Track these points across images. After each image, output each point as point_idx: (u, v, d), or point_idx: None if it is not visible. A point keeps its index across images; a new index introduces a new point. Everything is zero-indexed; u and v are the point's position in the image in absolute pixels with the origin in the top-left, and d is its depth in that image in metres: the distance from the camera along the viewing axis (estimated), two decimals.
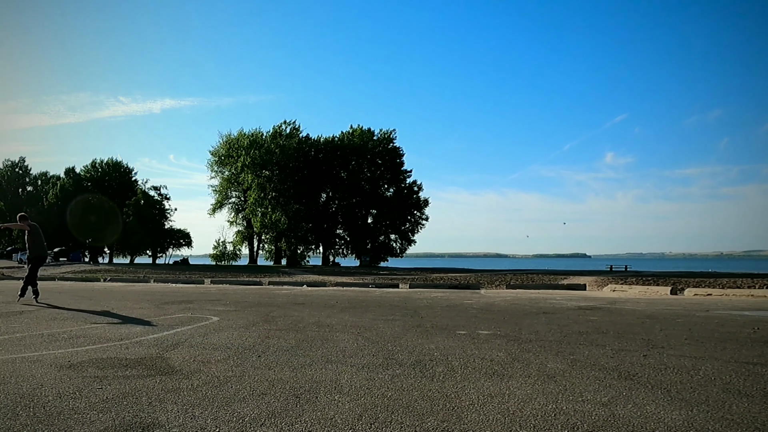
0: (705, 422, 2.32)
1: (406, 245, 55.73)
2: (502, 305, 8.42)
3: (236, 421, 2.33)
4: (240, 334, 4.95)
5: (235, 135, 53.22)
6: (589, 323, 5.95)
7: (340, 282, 17.56)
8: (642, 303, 9.04)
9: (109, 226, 54.71)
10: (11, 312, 7.12)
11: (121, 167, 62.07)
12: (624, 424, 2.28)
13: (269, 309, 7.58)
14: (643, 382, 3.06)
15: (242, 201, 54.00)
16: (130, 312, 7.10)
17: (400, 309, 7.70)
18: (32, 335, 4.90)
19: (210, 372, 3.32)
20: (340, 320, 6.16)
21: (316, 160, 52.45)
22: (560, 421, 2.32)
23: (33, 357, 3.81)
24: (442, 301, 9.41)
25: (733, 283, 14.96)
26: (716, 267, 49.37)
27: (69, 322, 5.93)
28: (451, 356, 3.86)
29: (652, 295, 11.82)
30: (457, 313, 7.08)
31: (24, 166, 67.81)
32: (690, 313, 7.05)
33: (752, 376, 3.21)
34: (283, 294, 11.55)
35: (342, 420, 2.35)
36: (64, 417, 2.39)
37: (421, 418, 2.38)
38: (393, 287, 15.52)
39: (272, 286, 16.32)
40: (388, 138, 54.56)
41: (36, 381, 3.06)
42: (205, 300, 9.30)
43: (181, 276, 22.69)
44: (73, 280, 21.20)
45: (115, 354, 3.94)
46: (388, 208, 53.65)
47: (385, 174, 54.37)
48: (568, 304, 8.76)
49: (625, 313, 7.20)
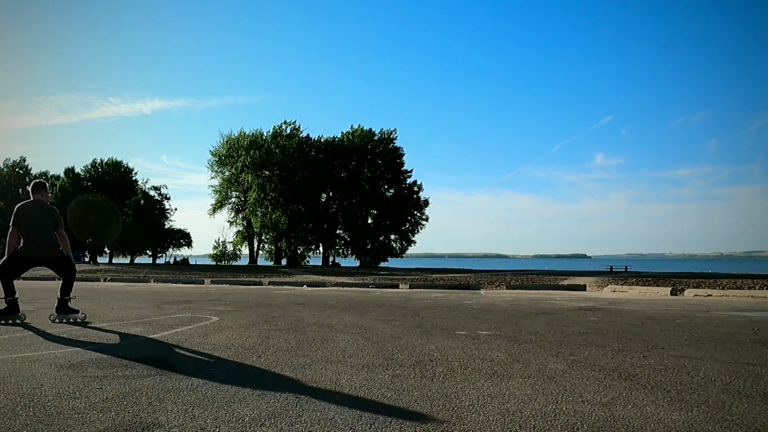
0: (705, 423, 2.32)
1: (406, 245, 55.73)
2: (502, 306, 8.41)
3: (236, 421, 2.33)
4: (240, 334, 4.95)
5: (235, 135, 53.23)
6: (589, 324, 5.95)
7: (340, 282, 17.56)
8: (642, 304, 9.04)
9: (109, 225, 54.69)
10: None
11: (121, 167, 62.06)
12: (624, 425, 2.28)
13: (269, 309, 7.58)
14: (643, 382, 3.06)
15: (242, 201, 53.98)
16: (130, 312, 7.10)
17: (400, 309, 7.70)
18: (32, 335, 4.90)
19: (210, 372, 3.32)
20: (340, 320, 6.16)
21: (317, 161, 52.45)
22: (560, 422, 2.32)
23: (33, 357, 3.81)
24: (442, 301, 9.41)
25: (733, 284, 14.96)
26: (716, 268, 49.35)
27: (69, 322, 5.92)
28: (451, 356, 3.86)
29: (652, 295, 11.81)
30: (457, 314, 7.08)
31: (24, 166, 67.81)
32: (690, 314, 7.05)
33: (752, 377, 3.22)
34: (283, 294, 11.55)
35: (342, 420, 2.35)
36: (64, 417, 2.39)
37: (421, 418, 2.38)
38: (393, 287, 15.52)
39: (272, 286, 16.32)
40: (388, 138, 54.56)
41: (36, 381, 3.06)
42: (205, 300, 9.30)
43: (181, 276, 22.69)
44: None
45: (115, 354, 3.94)
46: (388, 208, 53.66)
47: (386, 174, 54.37)
48: (568, 304, 8.75)
49: (625, 313, 7.20)
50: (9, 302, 5.73)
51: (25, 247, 5.75)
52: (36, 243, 5.77)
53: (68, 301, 5.91)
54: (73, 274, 6.05)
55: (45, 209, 5.89)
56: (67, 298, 5.91)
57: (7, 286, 5.77)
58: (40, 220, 5.80)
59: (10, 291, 5.74)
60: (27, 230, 5.75)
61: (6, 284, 5.77)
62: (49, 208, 5.93)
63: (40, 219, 5.80)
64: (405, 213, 54.31)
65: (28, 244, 5.75)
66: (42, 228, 5.81)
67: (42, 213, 5.84)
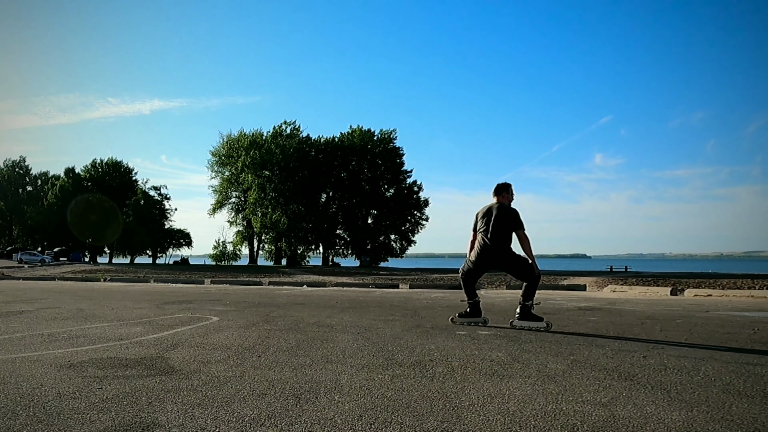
0: (705, 423, 2.32)
1: (406, 245, 55.75)
2: (502, 305, 8.41)
3: (236, 421, 2.33)
4: (240, 334, 4.95)
5: (235, 135, 53.25)
6: (589, 324, 5.95)
7: (340, 282, 17.56)
8: (642, 303, 9.04)
9: (109, 225, 54.75)
10: (11, 312, 7.13)
11: (121, 167, 62.12)
12: (624, 425, 2.28)
13: (269, 309, 7.58)
14: (643, 382, 3.06)
15: (242, 201, 54.01)
16: (130, 312, 7.10)
17: (400, 309, 7.70)
18: (32, 335, 4.90)
19: (210, 372, 3.32)
20: (340, 320, 6.16)
21: (317, 161, 52.49)
22: (560, 422, 2.32)
23: (33, 357, 3.82)
24: (443, 301, 9.41)
25: (733, 283, 14.97)
26: (716, 268, 49.37)
27: (69, 322, 5.93)
28: (451, 356, 3.86)
29: (652, 295, 11.81)
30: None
31: (24, 166, 67.88)
32: (690, 314, 7.05)
33: (752, 377, 3.22)
34: (283, 294, 11.55)
35: (342, 420, 2.35)
36: (64, 417, 2.39)
37: (421, 418, 2.38)
38: (393, 287, 15.52)
39: (272, 286, 16.32)
40: (388, 138, 54.60)
41: (36, 381, 3.06)
42: (205, 300, 9.30)
43: (181, 276, 22.69)
44: (73, 279, 21.21)
45: (115, 354, 3.94)
46: (388, 208, 53.70)
47: (386, 174, 54.41)
48: (568, 304, 8.75)
49: (625, 313, 7.20)
50: (471, 305, 5.79)
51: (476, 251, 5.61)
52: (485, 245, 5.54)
53: (531, 307, 5.45)
54: (534, 278, 5.43)
55: (500, 211, 5.54)
56: (529, 303, 5.44)
57: (469, 290, 5.82)
58: (494, 222, 5.49)
59: (472, 294, 5.82)
60: (482, 232, 5.56)
61: (468, 288, 5.81)
62: (503, 210, 5.54)
63: (494, 220, 5.50)
64: (405, 213, 54.34)
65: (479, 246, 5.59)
66: (495, 229, 5.48)
67: (496, 214, 5.51)
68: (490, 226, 5.48)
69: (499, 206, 5.58)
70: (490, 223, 5.49)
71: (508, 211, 5.52)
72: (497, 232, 5.46)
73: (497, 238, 5.46)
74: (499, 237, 5.46)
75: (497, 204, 5.62)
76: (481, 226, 5.58)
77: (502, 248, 5.48)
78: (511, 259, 5.50)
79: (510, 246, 5.51)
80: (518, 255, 5.52)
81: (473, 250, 5.69)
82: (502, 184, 5.76)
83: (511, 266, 5.54)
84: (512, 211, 5.53)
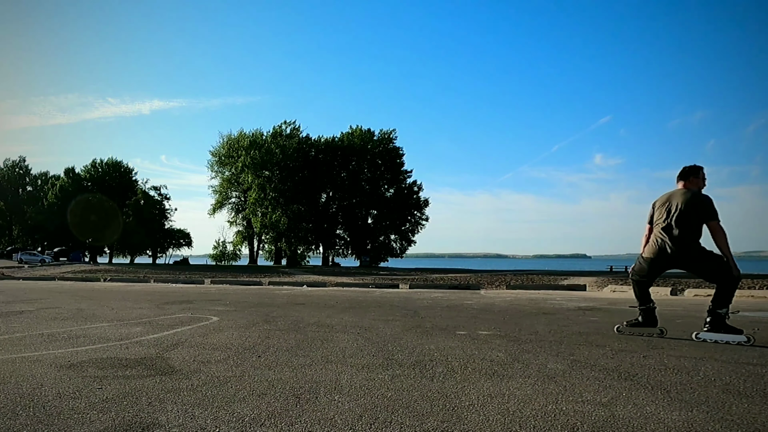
0: (705, 423, 2.32)
1: (406, 245, 55.73)
2: (502, 305, 8.41)
3: (236, 421, 2.33)
4: (240, 334, 4.95)
5: (235, 135, 53.23)
6: (589, 323, 5.95)
7: (340, 282, 17.56)
8: None
9: (109, 226, 54.72)
10: (11, 312, 7.13)
11: (121, 167, 62.11)
12: (624, 425, 2.28)
13: (269, 309, 7.58)
14: (643, 382, 3.06)
15: (242, 201, 53.99)
16: (130, 312, 7.10)
17: (400, 309, 7.70)
18: (32, 335, 4.90)
19: (210, 372, 3.32)
20: (340, 320, 6.16)
21: (316, 161, 52.47)
22: (560, 422, 2.32)
23: (33, 357, 3.81)
24: (442, 301, 9.41)
25: None
26: None
27: (69, 322, 5.93)
28: (451, 356, 3.86)
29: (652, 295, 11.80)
30: (457, 314, 7.08)
31: (24, 166, 67.85)
32: (690, 314, 7.05)
33: (752, 376, 3.21)
34: (283, 294, 11.55)
35: (342, 420, 2.35)
36: (64, 417, 2.39)
37: (421, 418, 2.38)
38: (393, 287, 15.52)
39: (272, 286, 16.32)
40: (388, 138, 54.59)
41: (36, 381, 3.06)
42: (205, 300, 9.30)
43: (181, 276, 22.69)
44: (73, 280, 21.21)
45: (115, 354, 3.94)
46: (388, 208, 53.67)
47: (385, 174, 54.40)
48: (568, 304, 8.75)
49: (625, 313, 7.20)
50: (644, 312, 4.90)
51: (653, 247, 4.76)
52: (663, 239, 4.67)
53: (725, 317, 4.49)
54: (731, 280, 4.47)
55: (688, 197, 4.63)
56: (723, 312, 4.49)
57: (642, 294, 4.95)
58: (682, 211, 4.60)
59: (646, 298, 4.92)
60: (662, 224, 4.68)
61: (641, 291, 4.97)
62: (693, 196, 4.62)
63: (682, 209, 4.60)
64: (405, 213, 54.31)
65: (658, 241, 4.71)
66: (680, 220, 4.59)
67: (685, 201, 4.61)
68: (674, 216, 4.59)
69: (685, 192, 4.68)
70: (675, 212, 4.59)
71: (699, 198, 4.59)
72: (684, 223, 4.56)
73: (684, 231, 4.55)
74: (686, 229, 4.55)
75: (683, 189, 4.72)
76: (660, 216, 4.72)
77: (689, 243, 4.56)
78: (701, 256, 4.56)
79: (699, 241, 4.59)
80: (710, 252, 4.57)
81: (648, 246, 4.84)
82: (691, 166, 4.82)
83: (700, 265, 4.59)
84: (704, 197, 4.61)
